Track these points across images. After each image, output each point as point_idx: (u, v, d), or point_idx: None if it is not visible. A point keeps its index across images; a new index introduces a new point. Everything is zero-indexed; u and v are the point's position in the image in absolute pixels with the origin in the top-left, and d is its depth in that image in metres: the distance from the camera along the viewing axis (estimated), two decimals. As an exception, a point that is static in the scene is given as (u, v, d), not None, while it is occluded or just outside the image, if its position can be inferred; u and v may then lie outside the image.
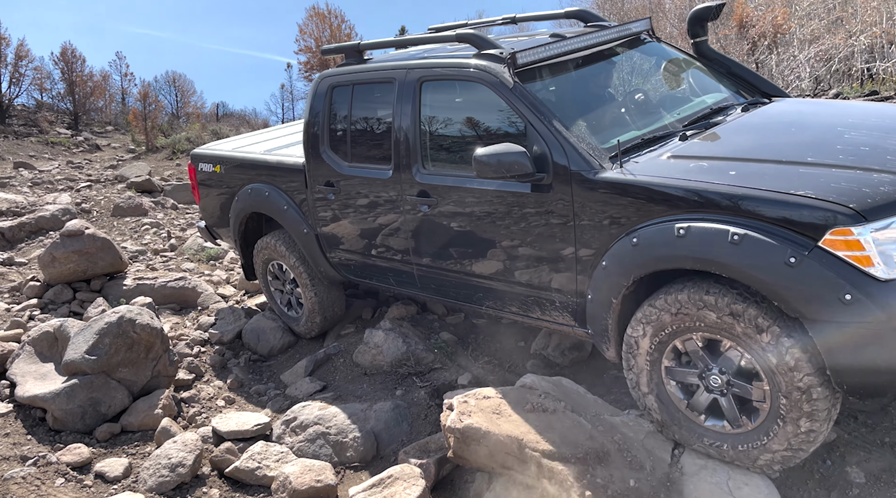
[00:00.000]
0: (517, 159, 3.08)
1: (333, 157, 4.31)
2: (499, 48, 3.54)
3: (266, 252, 5.08)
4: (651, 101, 3.80)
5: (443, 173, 3.71)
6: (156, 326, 4.46)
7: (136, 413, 4.21)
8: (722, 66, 4.18)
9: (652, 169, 2.96)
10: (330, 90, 4.32)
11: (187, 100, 28.65)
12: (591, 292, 3.14)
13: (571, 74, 3.73)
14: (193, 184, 5.67)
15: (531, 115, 3.24)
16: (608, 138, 3.28)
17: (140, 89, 20.56)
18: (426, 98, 3.78)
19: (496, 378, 4.27)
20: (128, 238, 8.49)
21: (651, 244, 2.82)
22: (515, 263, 3.48)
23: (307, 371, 4.75)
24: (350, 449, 3.79)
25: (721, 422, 2.86)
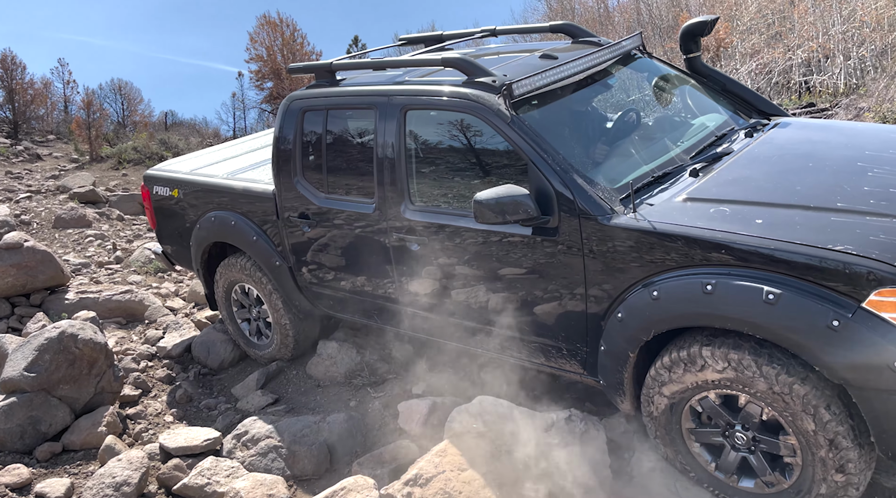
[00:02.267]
0: (521, 202, 2.85)
1: (308, 187, 3.98)
2: (491, 76, 3.26)
3: (231, 274, 4.69)
4: (653, 128, 3.59)
5: (433, 210, 3.43)
6: (99, 341, 4.32)
7: (78, 431, 4.07)
8: (716, 82, 3.98)
9: (669, 214, 2.74)
10: (301, 114, 3.96)
11: (134, 108, 27.89)
12: (604, 343, 2.93)
13: (568, 101, 3.45)
14: (148, 207, 5.21)
15: (533, 152, 2.97)
16: (616, 175, 3.06)
17: (83, 97, 19.95)
18: (412, 128, 3.48)
19: (452, 387, 4.27)
20: (70, 251, 8.21)
21: (675, 299, 2.62)
22: (517, 309, 3.24)
23: (259, 384, 4.67)
24: (303, 462, 3.74)
25: (753, 481, 2.71)
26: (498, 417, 3.14)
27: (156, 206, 5.11)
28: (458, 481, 2.87)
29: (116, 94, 27.84)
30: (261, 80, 17.49)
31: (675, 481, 2.86)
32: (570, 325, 3.06)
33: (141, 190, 5.19)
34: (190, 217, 4.80)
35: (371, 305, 4.00)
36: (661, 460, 2.97)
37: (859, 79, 10.90)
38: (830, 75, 11.23)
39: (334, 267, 4.04)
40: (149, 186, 5.11)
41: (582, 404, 3.78)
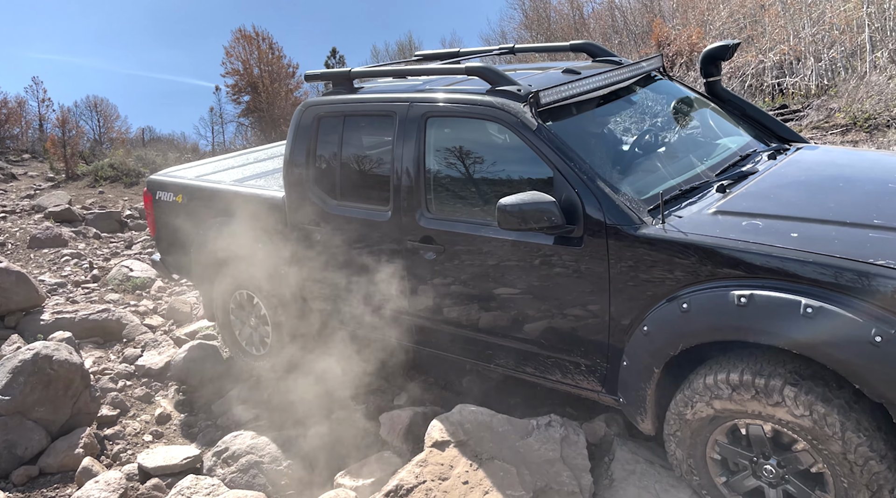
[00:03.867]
0: (546, 209, 2.78)
1: (320, 194, 3.91)
2: (516, 85, 3.23)
3: (236, 278, 4.58)
4: (677, 146, 3.56)
5: (451, 219, 3.36)
6: (75, 362, 4.26)
7: (55, 454, 4.00)
8: (736, 107, 3.95)
9: (699, 226, 2.68)
10: (316, 121, 3.91)
11: (111, 125, 27.66)
12: (626, 359, 2.84)
13: (593, 115, 3.43)
14: (149, 214, 5.09)
15: (559, 160, 2.92)
16: (642, 187, 3.01)
17: (58, 115, 19.75)
18: (432, 135, 3.43)
19: (433, 397, 4.27)
20: (46, 270, 8.10)
21: (705, 312, 2.55)
22: (535, 322, 3.16)
23: (239, 400, 4.63)
24: (285, 477, 3.71)
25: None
26: (478, 425, 3.13)
27: (158, 212, 4.99)
28: (439, 491, 2.86)
29: (92, 111, 27.60)
30: (238, 94, 17.43)
31: (655, 483, 2.87)
32: (591, 340, 2.98)
33: (144, 195, 5.09)
34: (193, 223, 4.67)
35: (380, 317, 3.88)
36: (640, 463, 2.98)
37: (830, 80, 11.11)
38: (802, 77, 11.43)
39: (342, 276, 3.93)
40: (151, 191, 4.99)
41: (563, 410, 3.79)
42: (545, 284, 3.03)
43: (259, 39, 16.93)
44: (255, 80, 16.81)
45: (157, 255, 5.28)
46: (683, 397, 2.66)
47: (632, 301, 2.78)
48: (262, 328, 4.64)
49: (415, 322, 3.69)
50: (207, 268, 4.69)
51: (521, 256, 3.08)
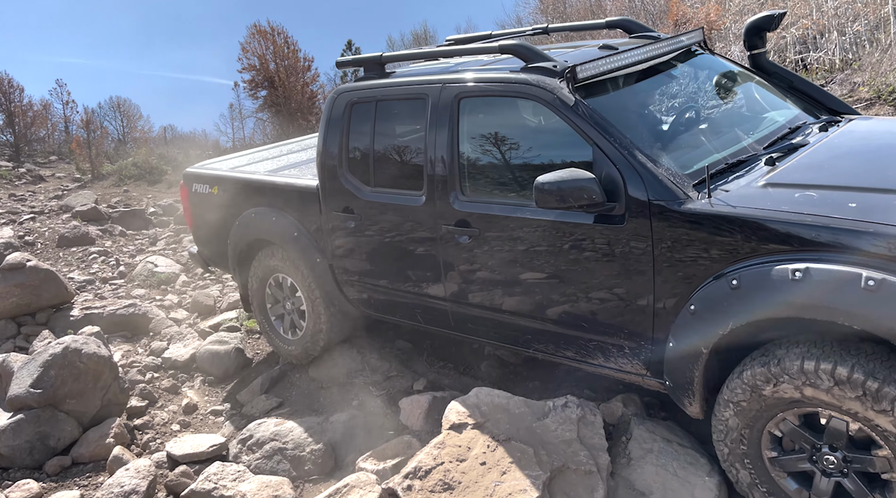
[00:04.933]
0: (586, 186, 2.68)
1: (353, 181, 3.88)
2: (551, 61, 3.14)
3: (271, 263, 4.58)
4: (721, 120, 3.42)
5: (486, 201, 3.28)
6: (103, 355, 4.37)
7: (86, 444, 4.13)
8: (783, 80, 3.77)
9: (749, 199, 2.58)
10: (349, 107, 3.88)
11: (134, 125, 28.12)
12: (672, 340, 2.73)
13: (631, 90, 3.33)
14: (185, 206, 5.15)
15: (598, 136, 2.82)
16: (686, 162, 2.89)
17: (83, 117, 20.10)
18: (466, 117, 3.36)
19: (452, 382, 4.31)
20: (75, 268, 8.29)
21: (757, 288, 2.43)
22: (575, 304, 3.07)
23: (263, 389, 4.72)
24: (308, 462, 3.78)
25: None
26: (494, 407, 3.16)
27: (194, 204, 5.03)
28: (457, 472, 2.90)
29: (115, 111, 28.08)
30: (255, 90, 17.57)
31: (673, 461, 2.88)
32: (635, 321, 2.87)
33: (180, 188, 5.16)
34: (229, 214, 4.71)
35: (414, 304, 3.83)
36: (658, 442, 2.99)
37: (854, 54, 10.85)
38: (825, 52, 11.18)
39: (377, 263, 3.90)
40: (187, 184, 5.03)
41: (580, 392, 3.81)
42: (585, 264, 2.95)
43: (274, 34, 17.05)
44: (271, 75, 16.92)
45: (195, 247, 5.31)
46: (766, 373, 2.46)
47: (677, 279, 2.68)
48: (297, 312, 4.66)
49: (450, 308, 3.64)
50: (243, 256, 4.74)
51: (559, 236, 3.00)
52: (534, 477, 2.79)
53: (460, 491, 2.83)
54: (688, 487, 2.78)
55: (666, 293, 2.73)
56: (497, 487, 2.79)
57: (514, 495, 2.73)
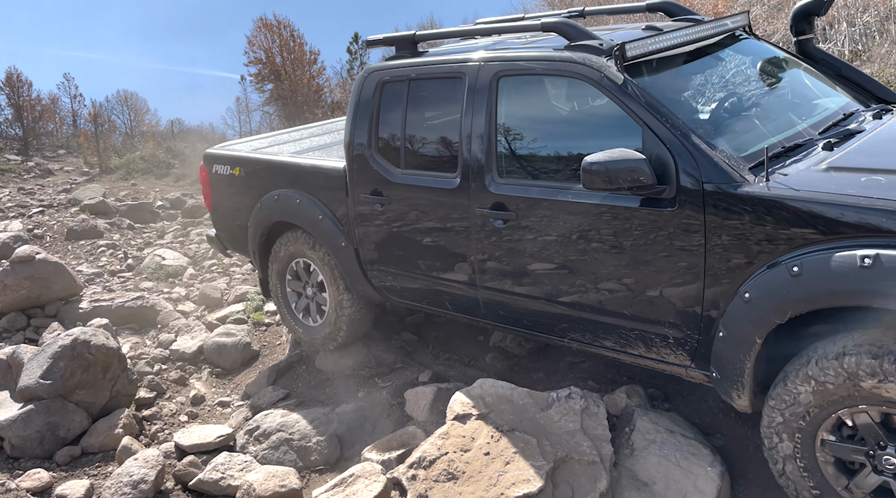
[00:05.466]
0: (636, 167, 2.58)
1: (382, 163, 3.76)
2: (597, 39, 3.04)
3: (293, 247, 4.47)
4: (773, 104, 3.32)
5: (524, 183, 3.16)
6: (112, 346, 4.42)
7: (95, 434, 4.18)
8: (831, 67, 3.67)
9: (811, 183, 2.46)
10: (379, 87, 3.76)
11: (141, 118, 28.25)
12: (723, 329, 2.63)
13: (679, 71, 3.24)
14: (205, 188, 5.03)
15: (648, 116, 2.73)
16: (741, 144, 2.79)
17: (90, 110, 20.22)
18: (504, 96, 3.26)
19: (457, 373, 4.33)
20: (83, 261, 8.36)
21: (822, 275, 2.32)
22: (617, 291, 2.96)
23: (270, 380, 4.76)
24: (314, 453, 3.82)
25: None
26: (499, 398, 3.19)
27: (214, 186, 4.91)
28: (461, 462, 2.93)
29: (123, 105, 28.19)
30: (261, 83, 17.60)
31: (676, 451, 2.89)
32: (682, 309, 2.76)
33: (200, 170, 5.05)
34: (251, 196, 4.60)
35: (443, 291, 3.73)
36: (661, 432, 3.00)
37: (864, 45, 10.76)
38: (835, 43, 11.10)
39: (405, 248, 3.79)
40: (208, 165, 4.93)
41: (585, 383, 3.82)
42: (630, 249, 2.83)
43: (280, 28, 17.07)
44: (277, 69, 16.94)
45: (213, 230, 5.24)
46: (875, 366, 2.30)
47: (730, 266, 2.57)
48: (318, 298, 4.55)
49: (481, 294, 3.54)
50: (265, 239, 4.65)
51: (602, 220, 2.89)
52: (537, 467, 2.81)
53: (464, 481, 2.85)
54: (690, 477, 2.79)
55: (717, 280, 2.62)
56: (501, 476, 2.81)
57: (517, 485, 2.76)
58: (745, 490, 2.91)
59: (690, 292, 2.72)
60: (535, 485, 2.75)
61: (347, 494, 3.09)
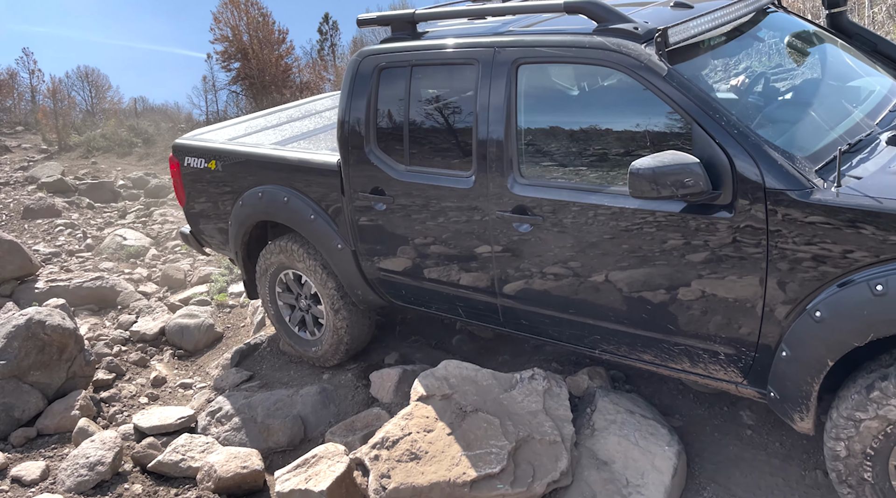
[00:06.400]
0: (690, 172, 2.31)
1: (384, 159, 3.40)
2: (631, 22, 2.70)
3: (280, 258, 4.08)
4: (822, 91, 3.02)
5: (552, 185, 2.86)
6: (68, 327, 4.32)
7: (51, 416, 4.09)
8: (865, 42, 3.37)
9: (891, 188, 2.21)
10: (377, 73, 3.38)
11: (103, 95, 27.47)
12: (787, 348, 2.40)
13: (720, 56, 2.90)
14: (177, 182, 4.53)
15: (699, 112, 2.43)
16: (803, 142, 2.53)
17: (49, 86, 19.60)
18: (525, 86, 2.91)
19: (423, 356, 4.33)
20: (40, 241, 8.14)
21: None
22: (660, 304, 2.70)
23: (233, 362, 4.70)
24: (277, 434, 3.79)
25: None
26: (463, 379, 3.20)
27: (187, 181, 4.42)
28: (424, 442, 2.93)
29: (83, 82, 27.36)
30: (227, 61, 17.24)
31: (635, 431, 2.95)
32: (738, 325, 2.53)
33: (170, 162, 4.56)
34: (230, 193, 4.18)
35: (456, 297, 3.44)
36: (621, 413, 3.05)
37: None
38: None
39: (412, 251, 3.48)
40: (179, 158, 4.42)
41: (549, 365, 3.86)
42: (676, 258, 2.57)
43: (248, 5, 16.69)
44: (244, 47, 16.61)
45: (186, 227, 4.77)
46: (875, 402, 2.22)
47: (796, 281, 2.34)
48: (314, 309, 4.16)
49: (500, 302, 3.26)
50: (248, 239, 4.27)
51: (643, 225, 2.61)
52: (499, 447, 2.84)
53: (427, 460, 2.87)
54: (648, 456, 2.85)
55: (780, 296, 2.39)
56: (463, 456, 2.83)
57: (480, 465, 2.78)
58: (701, 468, 2.98)
59: (747, 308, 2.48)
60: (498, 465, 2.77)
61: (310, 475, 3.08)
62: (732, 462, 2.97)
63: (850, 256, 2.22)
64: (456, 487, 2.74)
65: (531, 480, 2.76)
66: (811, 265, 2.30)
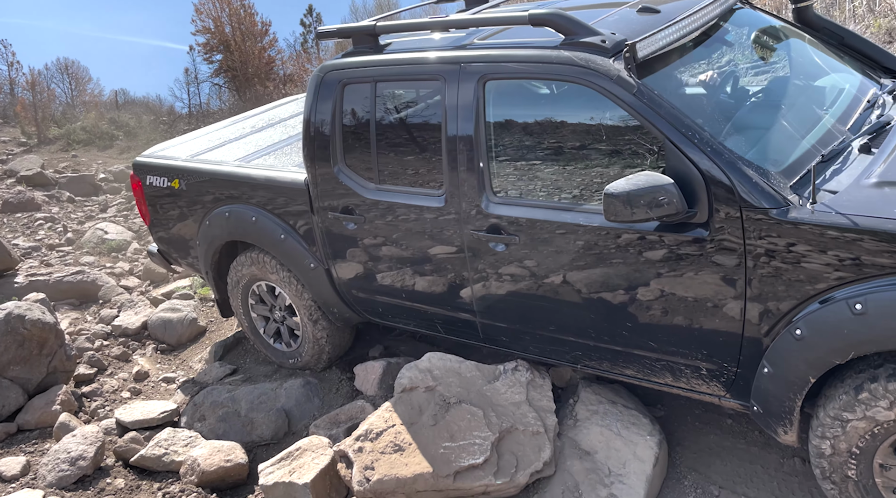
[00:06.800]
0: (666, 192, 2.27)
1: (353, 177, 3.32)
2: (598, 34, 2.62)
3: (252, 269, 3.99)
4: (792, 94, 2.95)
5: (527, 204, 2.81)
6: (48, 321, 4.27)
7: (32, 411, 4.05)
8: (832, 36, 3.31)
9: (867, 205, 2.17)
10: (340, 88, 3.27)
11: (83, 88, 27.02)
12: (768, 366, 2.40)
13: (689, 65, 2.84)
14: (140, 201, 4.38)
15: (671, 129, 2.38)
16: (776, 155, 2.48)
17: (28, 78, 19.28)
18: (493, 103, 2.84)
19: (408, 348, 4.34)
20: (19, 234, 8.03)
21: (893, 315, 2.08)
22: (640, 322, 2.68)
23: (217, 356, 4.68)
24: (261, 428, 3.78)
25: None
26: (447, 371, 3.21)
27: (150, 200, 4.29)
28: (408, 434, 2.94)
29: (63, 73, 26.89)
30: (210, 53, 17.06)
31: (617, 421, 2.97)
32: (717, 342, 2.52)
33: (132, 181, 4.41)
34: (195, 212, 4.07)
35: (434, 314, 3.41)
36: (603, 404, 3.08)
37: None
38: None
39: (387, 270, 3.41)
40: (140, 176, 4.28)
41: (532, 356, 3.88)
42: (654, 277, 2.56)
43: (230, -4, 16.58)
44: (227, 39, 16.44)
45: (154, 245, 4.66)
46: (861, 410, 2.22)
47: (775, 299, 2.33)
48: (290, 321, 4.12)
49: (479, 320, 3.23)
50: (218, 258, 4.17)
51: (622, 246, 2.59)
52: (483, 438, 2.85)
53: (411, 452, 2.88)
54: (630, 445, 2.88)
55: (760, 314, 2.38)
56: (447, 447, 2.85)
57: (463, 456, 2.79)
58: (682, 456, 3.02)
59: (727, 325, 2.47)
60: (481, 456, 2.79)
61: (294, 468, 3.08)
62: (713, 451, 3.01)
63: (829, 275, 2.21)
64: (440, 478, 2.75)
65: (514, 470, 2.78)
66: (789, 283, 2.29)
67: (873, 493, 2.35)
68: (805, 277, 2.25)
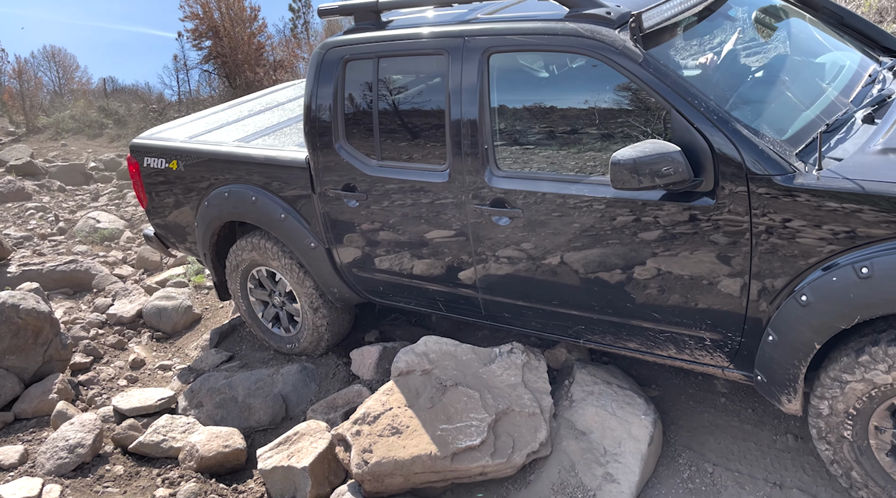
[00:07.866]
0: (672, 160, 2.29)
1: (354, 154, 3.32)
2: (603, 6, 2.65)
3: (252, 255, 3.99)
4: (796, 68, 2.97)
5: (531, 176, 2.82)
6: (43, 310, 4.26)
7: (28, 400, 4.05)
8: (832, 16, 3.34)
9: (873, 170, 2.20)
10: (342, 65, 3.28)
11: (71, 76, 26.77)
12: (773, 333, 2.41)
13: (693, 37, 2.86)
14: (137, 183, 4.35)
15: (677, 98, 2.41)
16: (781, 124, 2.51)
17: (14, 66, 19.07)
18: (498, 76, 2.85)
19: (403, 333, 4.36)
20: (10, 224, 7.99)
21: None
22: (643, 293, 2.70)
23: (213, 343, 4.69)
24: (258, 413, 3.80)
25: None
26: (442, 355, 3.23)
27: (147, 182, 4.26)
28: (405, 416, 2.97)
29: (50, 62, 26.61)
30: (198, 39, 16.87)
31: (612, 402, 3.00)
32: (721, 311, 2.54)
33: (128, 163, 4.37)
34: (194, 193, 4.06)
35: (435, 291, 3.41)
36: (598, 384, 3.11)
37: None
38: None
39: (389, 248, 3.42)
40: (138, 158, 4.25)
41: (528, 339, 3.91)
42: (659, 248, 2.58)
43: (219, -19, 16.35)
44: (215, 25, 16.23)
45: (150, 229, 4.64)
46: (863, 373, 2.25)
47: (781, 266, 2.35)
48: (289, 306, 4.11)
49: (481, 296, 3.23)
50: (216, 240, 4.16)
51: (627, 216, 2.60)
52: (479, 420, 2.88)
53: (408, 435, 2.90)
54: (625, 425, 2.91)
55: (765, 281, 2.40)
56: (444, 429, 2.87)
57: (460, 438, 2.82)
58: (676, 435, 3.06)
59: (732, 293, 2.49)
60: (478, 437, 2.82)
61: (292, 452, 3.10)
62: (707, 429, 3.05)
63: (835, 240, 2.23)
64: (437, 459, 2.78)
65: (511, 451, 2.81)
66: (795, 250, 2.31)
67: (867, 454, 2.39)
68: (811, 243, 2.27)
